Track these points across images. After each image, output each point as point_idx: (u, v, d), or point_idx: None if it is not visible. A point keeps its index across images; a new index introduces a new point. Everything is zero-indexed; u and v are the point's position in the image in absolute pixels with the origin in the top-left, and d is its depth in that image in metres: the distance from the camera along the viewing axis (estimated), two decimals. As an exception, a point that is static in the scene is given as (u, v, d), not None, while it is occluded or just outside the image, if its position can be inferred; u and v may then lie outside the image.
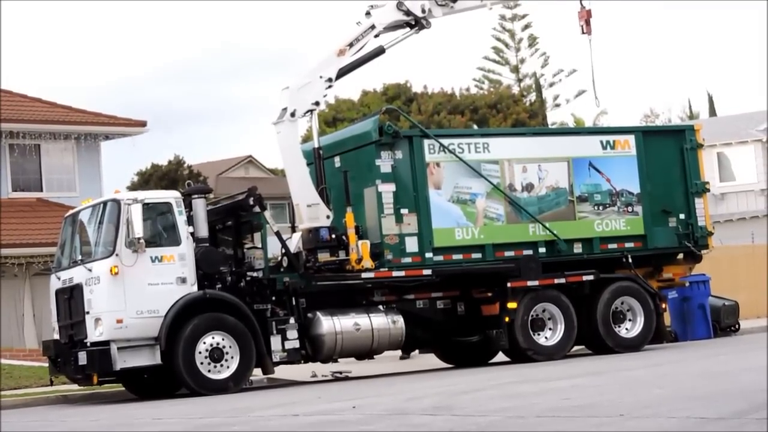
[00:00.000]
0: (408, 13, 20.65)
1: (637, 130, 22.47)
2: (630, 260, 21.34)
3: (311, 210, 19.67)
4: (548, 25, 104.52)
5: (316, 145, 20.23)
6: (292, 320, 19.02)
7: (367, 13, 20.57)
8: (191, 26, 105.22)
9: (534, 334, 20.34)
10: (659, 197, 21.83)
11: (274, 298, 19.11)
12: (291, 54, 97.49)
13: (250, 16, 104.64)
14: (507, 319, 20.17)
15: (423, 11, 20.75)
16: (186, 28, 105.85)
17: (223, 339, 18.24)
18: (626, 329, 21.17)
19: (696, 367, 15.98)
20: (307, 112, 20.00)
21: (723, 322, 25.78)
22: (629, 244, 21.48)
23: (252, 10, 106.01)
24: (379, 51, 20.67)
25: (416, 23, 20.79)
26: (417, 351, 22.81)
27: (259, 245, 19.43)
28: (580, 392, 12.84)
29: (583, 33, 21.79)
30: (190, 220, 18.64)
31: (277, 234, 19.33)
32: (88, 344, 17.96)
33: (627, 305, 21.20)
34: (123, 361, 17.79)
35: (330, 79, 20.13)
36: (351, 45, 20.25)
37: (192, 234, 18.56)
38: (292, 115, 19.76)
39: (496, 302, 20.42)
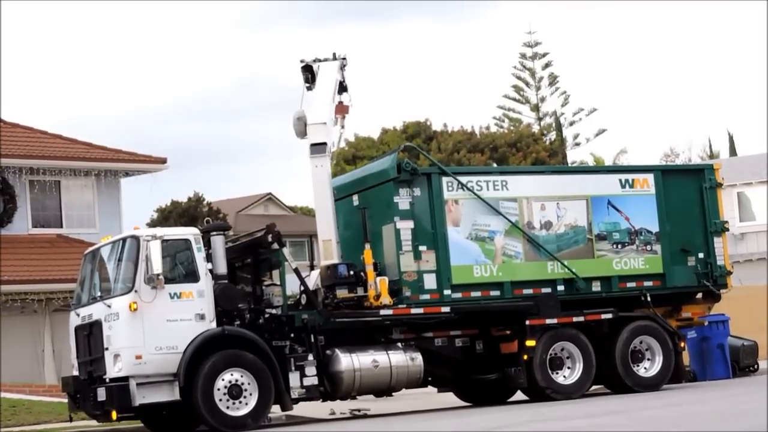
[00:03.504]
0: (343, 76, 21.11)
1: (656, 169, 22.45)
2: (649, 299, 21.29)
3: (340, 246, 19.84)
4: (569, 64, 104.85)
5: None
6: (310, 357, 19.03)
7: (307, 67, 20.85)
8: (209, 64, 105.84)
9: (552, 373, 20.28)
10: (678, 236, 21.78)
11: (292, 334, 19.16)
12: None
13: (268, 54, 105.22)
14: (525, 357, 20.13)
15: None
16: (204, 66, 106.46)
17: (241, 376, 18.25)
18: (645, 368, 21.10)
19: (716, 407, 15.89)
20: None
21: (742, 362, 25.65)
22: (648, 283, 21.43)
23: (270, 47, 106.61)
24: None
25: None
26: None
27: (278, 282, 19.50)
28: None
29: (335, 125, 21.88)
30: (209, 257, 18.73)
31: (296, 271, 19.39)
32: (107, 380, 17.99)
33: (646, 344, 21.13)
34: (142, 397, 17.81)
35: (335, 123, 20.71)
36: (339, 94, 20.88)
37: (211, 271, 18.64)
38: (329, 150, 20.15)
39: (514, 340, 20.39)
